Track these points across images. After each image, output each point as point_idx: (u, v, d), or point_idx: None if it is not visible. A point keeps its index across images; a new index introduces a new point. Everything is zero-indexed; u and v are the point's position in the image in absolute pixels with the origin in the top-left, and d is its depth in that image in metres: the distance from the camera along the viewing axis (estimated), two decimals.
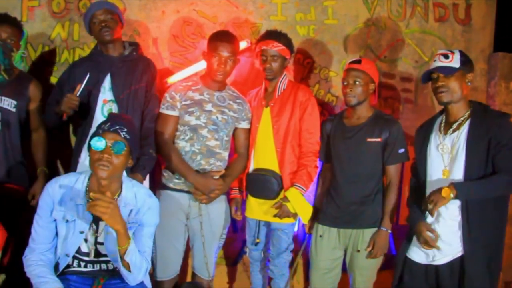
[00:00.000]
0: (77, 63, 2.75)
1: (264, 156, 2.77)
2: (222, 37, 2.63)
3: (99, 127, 2.03)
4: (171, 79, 3.02)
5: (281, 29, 2.86)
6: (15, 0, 3.06)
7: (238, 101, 2.75)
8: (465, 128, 2.35)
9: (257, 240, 2.83)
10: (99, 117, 2.62)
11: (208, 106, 2.64)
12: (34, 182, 2.70)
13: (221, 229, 2.75)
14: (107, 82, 2.65)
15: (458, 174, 2.33)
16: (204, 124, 2.63)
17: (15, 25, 2.71)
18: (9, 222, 2.32)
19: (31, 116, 2.74)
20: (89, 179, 2.07)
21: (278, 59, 2.73)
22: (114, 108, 2.64)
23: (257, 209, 2.79)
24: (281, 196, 2.73)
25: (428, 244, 2.35)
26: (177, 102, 2.63)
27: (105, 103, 2.64)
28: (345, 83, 2.68)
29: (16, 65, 2.73)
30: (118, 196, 2.08)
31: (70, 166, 2.69)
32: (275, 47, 2.72)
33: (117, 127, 1.98)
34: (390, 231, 2.62)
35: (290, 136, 2.75)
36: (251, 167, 2.81)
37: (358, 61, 2.69)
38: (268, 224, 2.84)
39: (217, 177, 2.62)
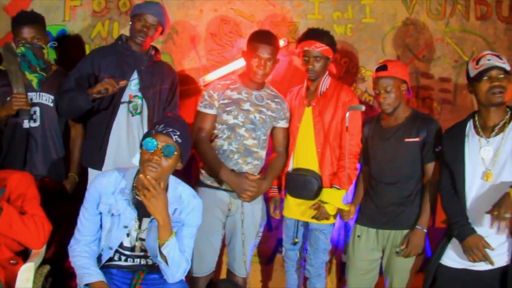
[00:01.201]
0: (102, 53, 2.71)
1: (304, 156, 2.75)
2: (263, 38, 2.61)
3: (153, 127, 2.05)
4: (208, 77, 3.05)
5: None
6: (59, 1, 3.14)
7: (276, 100, 2.74)
8: (510, 131, 2.30)
9: (296, 240, 2.82)
10: (123, 111, 2.65)
11: (246, 105, 2.64)
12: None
13: (257, 227, 2.75)
14: (134, 78, 2.67)
15: (507, 176, 2.27)
16: (242, 123, 2.63)
17: (37, 21, 2.69)
18: (49, 215, 2.38)
19: None
20: (136, 175, 2.10)
21: (321, 60, 2.71)
22: (140, 104, 2.67)
23: (296, 209, 2.78)
24: (320, 197, 2.71)
25: (479, 258, 2.27)
26: (215, 101, 2.64)
27: (131, 98, 2.67)
28: (377, 92, 2.64)
29: (51, 58, 2.75)
30: None
31: (87, 155, 2.71)
32: (318, 48, 2.69)
33: (170, 130, 1.99)
34: (425, 231, 2.58)
35: (331, 137, 2.72)
36: (291, 166, 2.79)
37: (384, 68, 2.61)
38: (305, 224, 2.82)
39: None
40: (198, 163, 2.84)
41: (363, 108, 2.67)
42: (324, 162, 2.72)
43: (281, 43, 3.09)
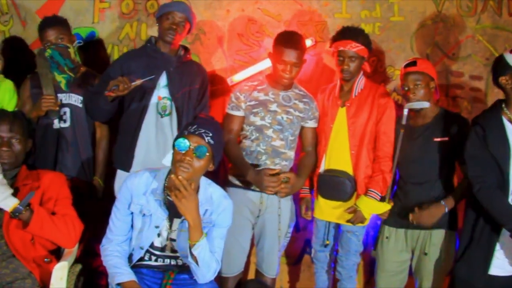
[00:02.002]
0: (131, 56, 2.74)
1: (337, 158, 2.70)
2: (289, 43, 2.54)
3: (185, 127, 2.06)
4: (236, 77, 3.05)
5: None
6: (88, 2, 3.19)
7: (304, 100, 2.71)
8: None
9: (327, 242, 2.78)
10: (152, 113, 2.66)
11: (273, 106, 2.63)
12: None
13: (286, 228, 2.73)
14: (163, 79, 2.67)
15: None
16: (269, 124, 2.61)
17: (58, 23, 2.75)
18: (79, 214, 2.41)
19: None
20: (167, 176, 2.10)
21: (356, 60, 2.65)
22: (168, 106, 2.67)
23: (327, 210, 2.73)
24: (353, 199, 2.67)
25: None
26: (242, 102, 2.63)
27: (160, 100, 2.67)
28: (405, 88, 2.61)
29: (76, 57, 2.78)
30: None
31: (117, 156, 2.72)
32: (354, 48, 2.63)
33: (203, 131, 1.99)
34: (447, 210, 2.53)
35: (367, 139, 2.67)
36: (322, 167, 2.74)
37: (413, 63, 2.61)
38: (336, 226, 2.79)
39: (285, 179, 2.57)
40: (226, 164, 2.84)
41: (427, 105, 2.56)
42: (359, 164, 2.67)
43: (309, 42, 3.07)
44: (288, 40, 2.56)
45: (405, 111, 2.58)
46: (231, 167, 2.73)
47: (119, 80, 2.47)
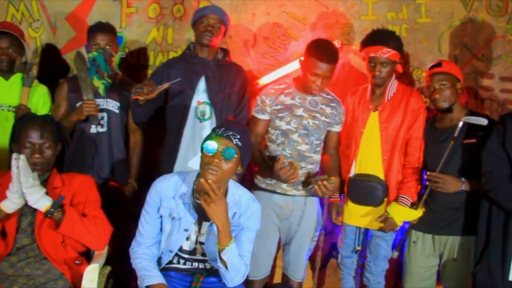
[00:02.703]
0: (171, 63, 2.81)
1: (368, 163, 2.67)
2: (324, 57, 2.47)
3: (213, 130, 2.06)
4: (262, 81, 3.05)
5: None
6: (115, 8, 3.24)
7: (332, 104, 2.68)
8: None
9: (358, 248, 2.74)
10: (192, 118, 2.69)
11: (299, 111, 2.60)
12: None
13: (313, 231, 2.72)
14: (201, 84, 2.71)
15: None
16: (295, 129, 2.60)
17: (110, 31, 2.83)
18: (109, 217, 2.43)
19: (129, 119, 2.84)
20: (196, 179, 2.11)
21: (388, 65, 2.61)
22: (208, 110, 2.70)
23: (357, 215, 2.70)
24: (384, 205, 2.64)
25: None
26: (267, 106, 2.62)
27: (199, 105, 2.70)
28: (431, 89, 2.59)
29: (116, 68, 2.87)
30: None
31: (163, 161, 2.76)
32: (385, 54, 2.58)
33: (230, 133, 1.99)
34: (463, 188, 2.49)
35: (399, 144, 2.64)
36: (353, 171, 2.71)
37: (438, 64, 2.60)
38: (365, 231, 2.76)
39: (333, 182, 2.50)
40: (252, 167, 2.84)
41: (485, 122, 2.46)
42: (390, 170, 2.64)
43: (335, 45, 3.05)
44: (323, 53, 2.49)
45: (460, 124, 2.50)
46: (257, 171, 2.73)
47: (144, 83, 2.50)
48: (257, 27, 3.17)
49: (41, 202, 2.01)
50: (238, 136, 2.00)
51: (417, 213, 2.59)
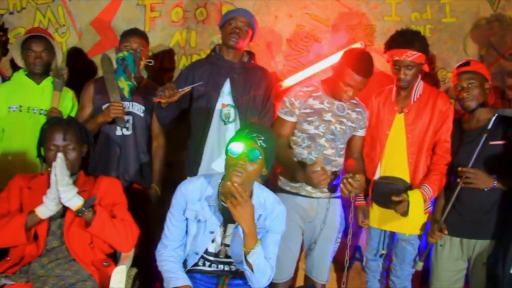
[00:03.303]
0: (196, 66, 2.81)
1: (394, 165, 2.64)
2: (361, 70, 2.43)
3: (238, 132, 2.08)
4: (285, 83, 3.05)
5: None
6: (139, 12, 3.27)
7: (357, 109, 2.66)
8: None
9: (383, 252, 2.72)
10: (216, 120, 2.70)
11: (328, 116, 2.58)
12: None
13: (336, 233, 2.70)
14: (226, 86, 2.72)
15: None
16: (323, 133, 2.58)
17: (143, 36, 2.89)
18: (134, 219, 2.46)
19: (153, 123, 2.86)
20: (221, 182, 2.12)
21: (413, 68, 2.58)
22: (232, 113, 2.71)
23: (382, 218, 2.68)
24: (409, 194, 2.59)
25: None
26: (296, 109, 2.59)
27: (224, 107, 2.71)
28: (459, 88, 2.55)
29: (143, 73, 2.89)
30: None
31: (187, 164, 2.78)
32: (410, 57, 2.54)
33: (255, 134, 2.00)
34: (495, 184, 2.43)
35: (425, 147, 2.61)
36: (378, 174, 2.68)
37: (466, 64, 2.57)
38: (391, 234, 2.73)
39: (359, 180, 2.47)
40: (275, 169, 2.83)
41: None
42: (416, 172, 2.61)
43: (358, 47, 3.04)
44: (361, 67, 2.45)
45: (493, 117, 2.47)
46: (280, 173, 2.72)
47: (166, 86, 2.52)
48: (280, 29, 3.18)
49: (74, 200, 2.05)
50: (263, 138, 2.01)
51: (422, 217, 2.57)
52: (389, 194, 2.59)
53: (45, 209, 2.04)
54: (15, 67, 3.02)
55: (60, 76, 2.80)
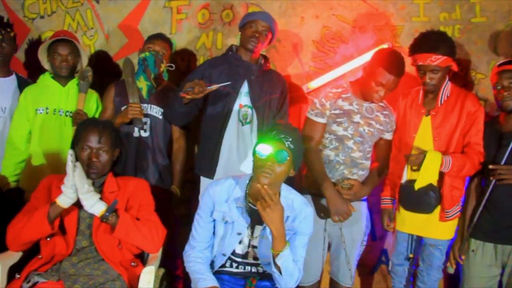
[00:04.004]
0: (213, 63, 2.79)
1: (421, 167, 2.54)
2: (393, 69, 2.41)
3: (265, 134, 2.07)
4: (312, 85, 3.03)
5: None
6: (166, 14, 3.30)
7: (385, 112, 2.63)
8: None
9: (410, 256, 2.66)
10: (234, 120, 2.70)
11: (357, 118, 2.55)
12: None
13: (362, 235, 2.67)
14: (244, 87, 2.71)
15: None
16: (351, 135, 2.55)
17: (167, 41, 2.90)
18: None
19: (173, 126, 2.87)
20: (249, 183, 2.12)
21: (438, 72, 2.52)
22: (249, 114, 2.70)
23: (410, 222, 2.62)
24: (437, 212, 2.56)
25: None
26: (327, 110, 2.56)
27: (241, 108, 2.71)
28: (498, 87, 2.48)
29: (164, 75, 2.90)
30: None
31: (200, 163, 2.78)
32: (434, 61, 2.49)
33: (282, 136, 2.00)
34: None
35: (452, 149, 2.55)
36: (404, 178, 2.63)
37: (509, 62, 2.49)
38: (418, 239, 2.68)
39: (348, 185, 2.51)
40: (301, 170, 2.82)
41: None
42: (444, 175, 2.54)
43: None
44: (393, 65, 2.43)
45: None
46: (306, 175, 2.71)
47: (195, 82, 2.50)
48: (306, 31, 3.16)
49: (96, 207, 2.07)
50: (290, 139, 2.00)
51: (451, 224, 2.53)
52: (416, 198, 2.54)
53: (65, 197, 2.05)
54: (36, 69, 3.06)
55: (85, 78, 2.84)
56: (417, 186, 2.52)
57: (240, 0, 3.20)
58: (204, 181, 2.74)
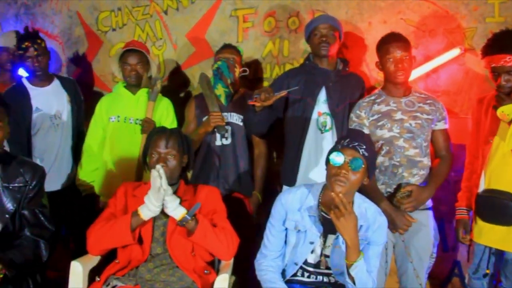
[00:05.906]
0: (291, 74, 2.84)
1: (501, 176, 2.42)
2: (389, 38, 2.55)
3: (338, 142, 2.06)
4: None
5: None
6: (232, 23, 3.35)
7: (428, 101, 2.55)
8: None
9: (487, 271, 2.50)
10: (313, 129, 2.70)
11: (398, 115, 2.50)
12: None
13: (430, 247, 2.56)
14: (322, 95, 2.72)
15: None
16: (399, 134, 2.49)
17: (234, 48, 2.97)
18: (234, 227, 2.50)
19: None
20: (321, 192, 2.11)
21: None
22: (328, 121, 2.70)
23: (488, 233, 2.45)
24: None
25: None
26: (364, 119, 2.55)
27: (320, 116, 2.71)
28: None
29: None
30: None
31: (284, 172, 2.80)
32: (509, 62, 2.36)
33: (356, 143, 1.98)
34: None
35: None
36: (482, 187, 2.48)
37: None
38: (500, 253, 2.52)
39: (406, 193, 2.45)
40: None
41: None
42: None
43: (457, 51, 2.91)
44: (389, 37, 2.56)
45: None
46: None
47: (261, 89, 2.54)
48: (374, 36, 3.10)
49: (178, 210, 2.12)
50: (364, 146, 1.98)
51: None
52: (494, 209, 2.39)
53: (146, 210, 2.11)
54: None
55: (154, 87, 2.93)
56: None
57: (306, 7, 3.20)
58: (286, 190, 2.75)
